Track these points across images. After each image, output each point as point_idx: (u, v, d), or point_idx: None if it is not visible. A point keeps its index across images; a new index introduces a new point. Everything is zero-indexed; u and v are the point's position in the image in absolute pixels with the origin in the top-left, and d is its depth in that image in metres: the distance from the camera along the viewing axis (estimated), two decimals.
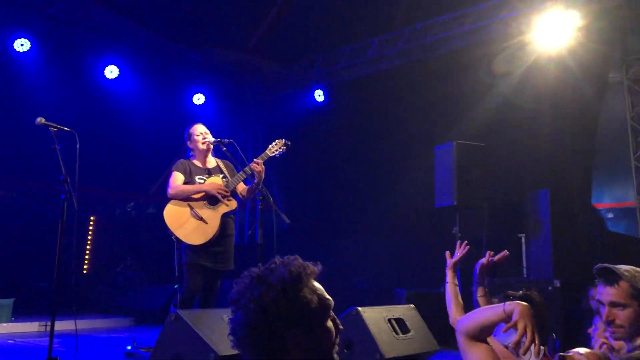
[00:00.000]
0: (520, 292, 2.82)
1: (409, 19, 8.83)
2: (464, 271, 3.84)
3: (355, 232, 9.07)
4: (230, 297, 1.57)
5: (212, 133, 5.23)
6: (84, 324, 7.78)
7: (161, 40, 9.47)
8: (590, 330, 4.27)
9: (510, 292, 2.87)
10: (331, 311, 1.62)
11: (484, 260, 3.18)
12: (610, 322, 2.28)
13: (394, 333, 4.21)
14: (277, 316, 1.50)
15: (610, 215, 9.82)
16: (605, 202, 9.69)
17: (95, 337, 7.00)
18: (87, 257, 9.98)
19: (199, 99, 10.10)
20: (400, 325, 4.33)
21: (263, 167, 4.75)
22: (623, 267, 2.31)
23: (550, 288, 5.74)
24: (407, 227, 8.72)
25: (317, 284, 1.61)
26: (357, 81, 9.58)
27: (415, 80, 8.92)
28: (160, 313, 7.89)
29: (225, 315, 3.14)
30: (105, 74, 8.95)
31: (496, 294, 3.56)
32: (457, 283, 3.43)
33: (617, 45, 8.05)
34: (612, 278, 2.29)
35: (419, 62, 8.72)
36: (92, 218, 10.20)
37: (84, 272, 9.95)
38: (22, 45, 8.10)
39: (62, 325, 6.57)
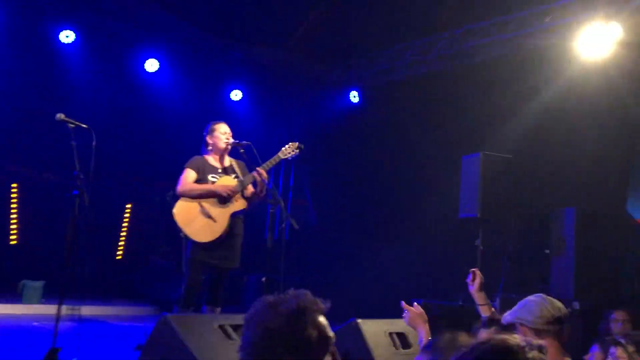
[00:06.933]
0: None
1: (448, 24, 8.66)
2: None
3: (378, 238, 9.01)
4: (245, 317, 1.75)
5: (247, 130, 5.28)
6: (109, 310, 8.05)
7: (202, 34, 9.59)
8: (586, 358, 4.14)
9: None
10: (332, 346, 1.75)
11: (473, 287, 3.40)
12: None
13: (393, 348, 4.18)
14: (279, 342, 1.65)
15: None
16: None
17: (117, 325, 7.23)
18: (121, 244, 10.26)
19: (236, 95, 10.20)
20: (401, 339, 4.30)
21: (266, 175, 4.78)
22: None
23: (569, 309, 5.56)
24: (432, 236, 8.59)
25: (322, 320, 1.73)
26: (392, 84, 9.49)
27: (451, 86, 8.76)
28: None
29: (215, 322, 3.19)
30: (145, 67, 9.13)
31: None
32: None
33: None
34: None
35: (456, 68, 8.55)
36: (128, 206, 10.46)
37: (118, 257, 10.22)
38: (67, 37, 8.31)
39: (88, 311, 6.83)
